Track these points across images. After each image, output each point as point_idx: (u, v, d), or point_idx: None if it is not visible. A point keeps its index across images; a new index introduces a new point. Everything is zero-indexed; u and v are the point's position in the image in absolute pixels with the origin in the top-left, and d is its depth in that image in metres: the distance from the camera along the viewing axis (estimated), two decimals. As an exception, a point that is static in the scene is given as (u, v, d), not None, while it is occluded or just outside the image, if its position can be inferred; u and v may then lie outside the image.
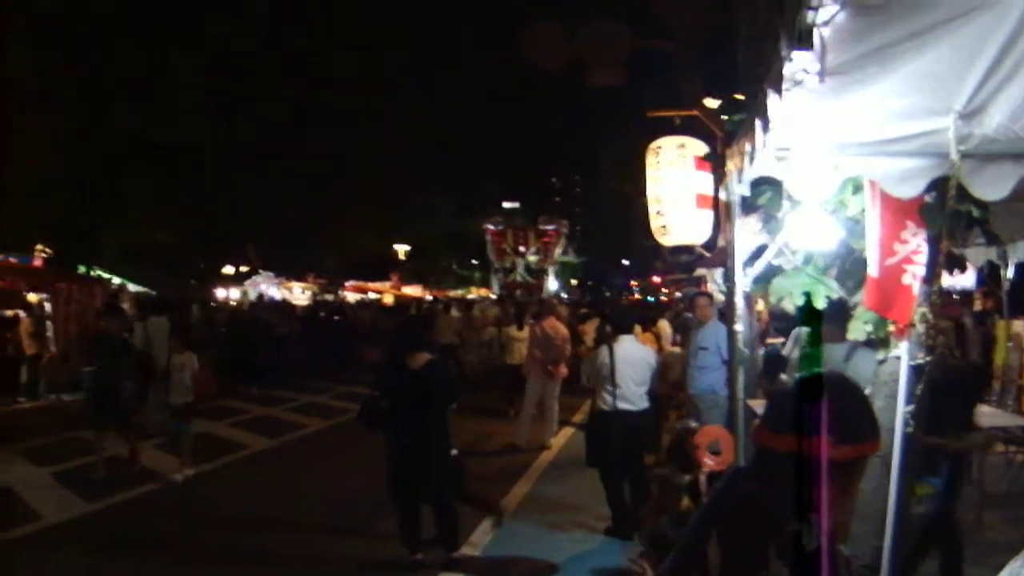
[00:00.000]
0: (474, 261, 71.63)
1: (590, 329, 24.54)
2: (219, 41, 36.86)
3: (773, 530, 2.62)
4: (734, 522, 2.79)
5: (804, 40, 3.34)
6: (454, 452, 10.28)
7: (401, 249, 62.64)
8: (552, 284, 68.80)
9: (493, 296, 58.07)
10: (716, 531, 2.84)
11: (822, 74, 3.51)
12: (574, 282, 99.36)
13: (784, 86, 3.87)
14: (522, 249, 65.04)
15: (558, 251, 67.10)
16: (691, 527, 2.99)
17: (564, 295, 60.12)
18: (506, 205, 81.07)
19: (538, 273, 66.12)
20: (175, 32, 34.66)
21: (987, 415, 12.49)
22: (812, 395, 2.65)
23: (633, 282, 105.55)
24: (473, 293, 65.78)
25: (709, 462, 7.87)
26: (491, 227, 64.10)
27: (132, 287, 36.02)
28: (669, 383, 14.80)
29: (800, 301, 7.34)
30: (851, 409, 2.70)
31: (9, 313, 25.70)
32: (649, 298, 70.65)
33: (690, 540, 2.98)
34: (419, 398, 9.89)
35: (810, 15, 3.25)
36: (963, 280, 16.84)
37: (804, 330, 10.30)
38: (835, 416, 2.60)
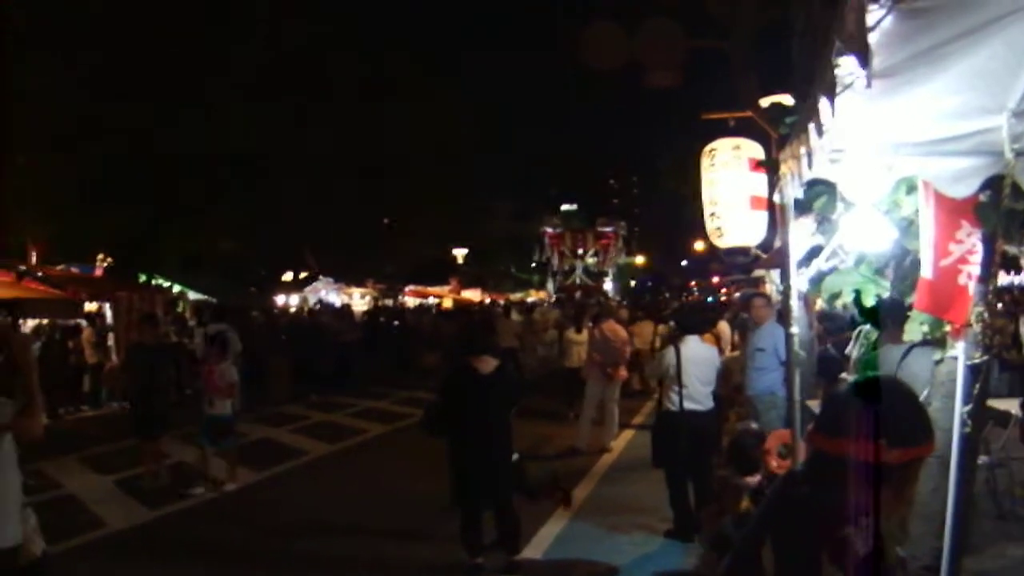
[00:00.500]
0: (533, 264, 71.45)
1: (640, 331, 24.53)
2: (276, 47, 37.04)
3: (826, 534, 2.63)
4: (787, 526, 2.80)
5: (853, 44, 3.34)
6: (516, 456, 10.31)
7: (460, 253, 62.65)
8: (609, 285, 68.66)
9: (551, 299, 57.91)
10: (770, 535, 2.85)
11: (870, 79, 3.50)
12: (632, 283, 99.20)
13: (835, 91, 3.86)
14: (580, 251, 64.87)
15: (616, 252, 66.90)
16: (746, 530, 3.00)
17: (619, 298, 59.80)
18: (564, 207, 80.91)
19: (597, 275, 65.96)
20: (230, 39, 34.88)
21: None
22: (865, 399, 2.65)
23: (692, 282, 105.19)
24: (532, 296, 65.68)
25: (777, 465, 7.85)
26: (549, 230, 63.93)
27: (192, 295, 36.26)
28: (730, 386, 14.74)
29: (850, 299, 7.32)
30: (904, 412, 2.71)
31: (71, 322, 25.93)
32: (709, 298, 70.40)
33: (745, 543, 3.00)
34: (484, 402, 9.93)
35: (858, 19, 3.25)
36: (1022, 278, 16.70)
37: (867, 328, 10.27)
38: (888, 419, 2.61)
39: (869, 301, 7.31)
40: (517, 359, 29.68)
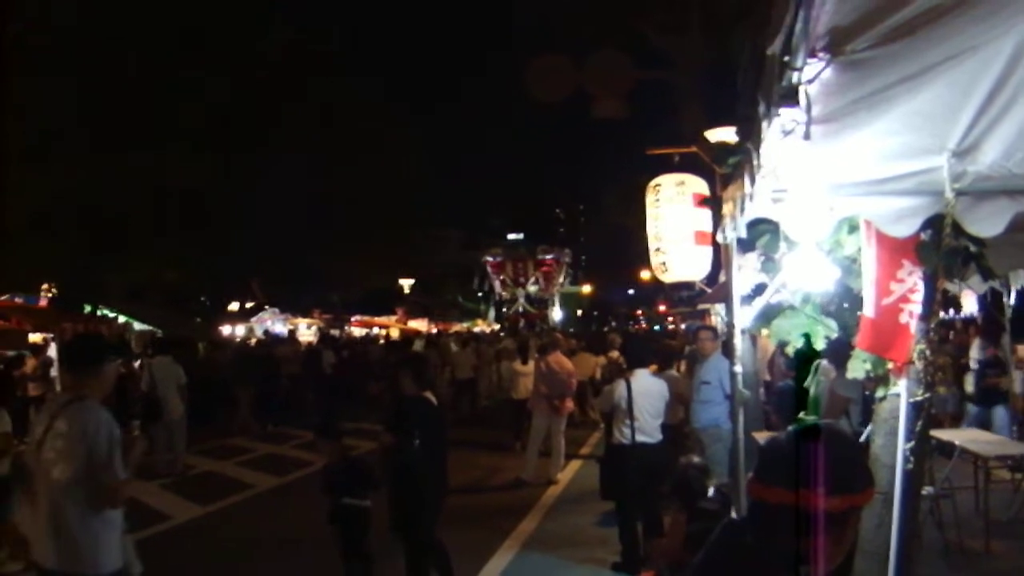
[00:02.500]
0: (480, 293, 71.59)
1: (580, 363, 24.56)
2: (220, 77, 36.99)
3: None
4: (728, 574, 2.81)
5: (790, 98, 3.37)
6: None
7: (406, 283, 62.64)
8: (557, 314, 68.75)
9: (494, 328, 57.91)
10: None
11: (808, 130, 3.54)
12: (579, 312, 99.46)
13: (770, 140, 3.90)
14: (522, 280, 64.96)
15: (560, 280, 67.01)
16: None
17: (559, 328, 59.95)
18: (511, 237, 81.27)
19: (540, 303, 66.06)
20: (175, 72, 34.81)
21: (992, 443, 12.56)
22: (804, 446, 2.67)
23: (638, 311, 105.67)
24: (479, 326, 65.72)
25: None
26: (490, 259, 64.21)
27: (138, 326, 36.02)
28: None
29: (799, 343, 7.37)
30: (844, 459, 2.72)
31: (13, 354, 25.70)
32: (656, 327, 70.64)
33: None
34: (442, 434, 9.92)
35: (795, 75, 3.28)
36: (967, 307, 16.92)
37: (824, 364, 10.34)
38: (827, 467, 2.62)
39: (819, 344, 7.36)
40: (474, 390, 29.75)
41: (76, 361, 7.06)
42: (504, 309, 66.94)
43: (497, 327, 58.59)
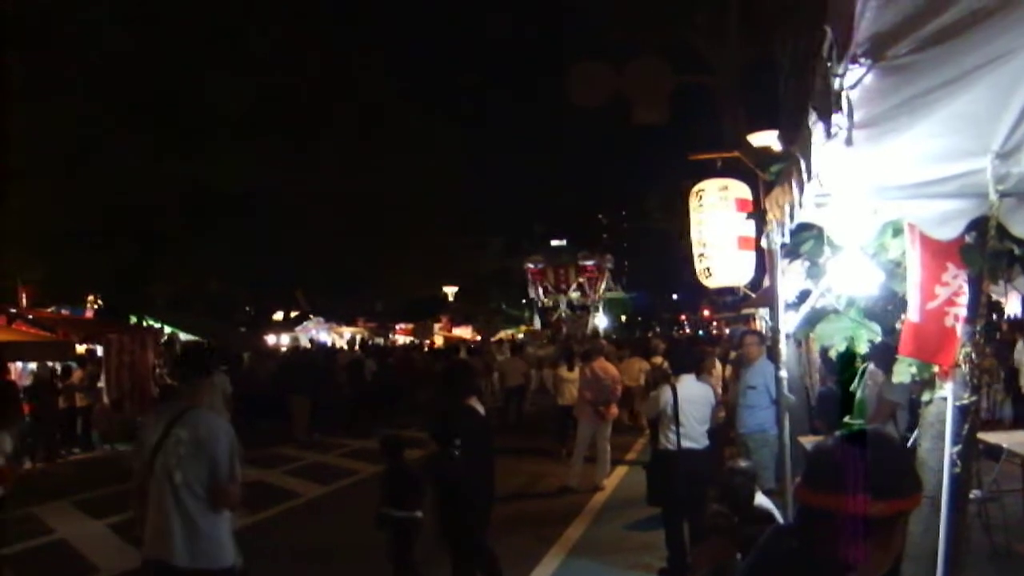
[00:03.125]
0: (523, 300, 71.25)
1: (628, 368, 24.53)
2: (264, 85, 37.09)
3: None
4: None
5: (833, 105, 3.37)
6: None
7: (450, 291, 62.57)
8: (601, 320, 68.39)
9: (541, 337, 57.58)
10: None
11: (850, 135, 3.54)
12: (623, 318, 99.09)
13: (815, 141, 3.90)
14: (564, 287, 64.56)
15: (602, 287, 66.53)
16: None
17: (611, 335, 59.51)
18: (554, 243, 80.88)
19: (582, 310, 65.66)
20: (218, 78, 34.93)
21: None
22: (851, 451, 2.67)
23: (682, 316, 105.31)
24: (522, 332, 65.54)
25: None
26: (531, 266, 63.58)
27: (183, 335, 36.22)
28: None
29: (843, 347, 7.34)
30: (890, 464, 2.72)
31: (61, 365, 25.91)
32: (700, 332, 70.39)
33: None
34: (487, 442, 9.90)
35: (837, 81, 3.28)
36: (1011, 308, 16.83)
37: (871, 367, 10.27)
38: (874, 471, 2.62)
39: (862, 348, 7.34)
40: (523, 397, 29.67)
41: (190, 371, 7.66)
42: (547, 316, 66.51)
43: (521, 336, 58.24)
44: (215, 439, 7.03)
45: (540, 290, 63.81)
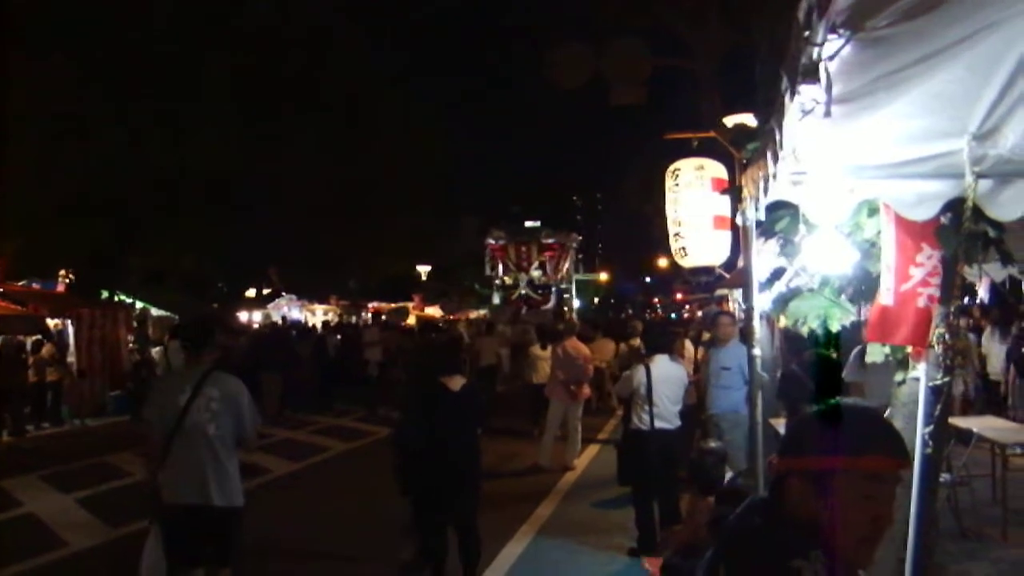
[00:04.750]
0: (492, 279, 71.13)
1: (600, 349, 24.61)
2: (241, 63, 36.92)
3: (777, 567, 2.61)
4: (741, 558, 2.79)
5: (810, 75, 3.35)
6: None
7: (423, 270, 62.50)
8: (575, 302, 68.37)
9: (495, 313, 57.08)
10: (723, 567, 2.83)
11: (828, 108, 3.51)
12: (595, 300, 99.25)
13: (791, 119, 3.88)
14: (525, 264, 64.10)
15: (566, 266, 66.13)
16: (704, 562, 2.99)
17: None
18: (528, 224, 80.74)
19: (543, 289, 65.27)
20: (194, 57, 34.77)
21: (1010, 430, 12.53)
22: (829, 421, 2.66)
23: (655, 299, 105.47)
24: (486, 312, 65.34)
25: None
26: (492, 242, 63.02)
27: (155, 311, 36.11)
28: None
29: (815, 324, 7.35)
30: (859, 425, 2.70)
31: (31, 339, 25.81)
32: (672, 315, 70.49)
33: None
34: (456, 419, 9.89)
35: (815, 51, 3.25)
36: (981, 293, 16.88)
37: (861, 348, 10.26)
38: (846, 433, 2.62)
39: (835, 326, 7.35)
40: (495, 377, 29.64)
41: (195, 342, 8.58)
42: (504, 295, 66.08)
43: (487, 315, 57.86)
44: (240, 395, 8.30)
45: (500, 267, 63.22)
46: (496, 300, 65.25)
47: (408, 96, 49.26)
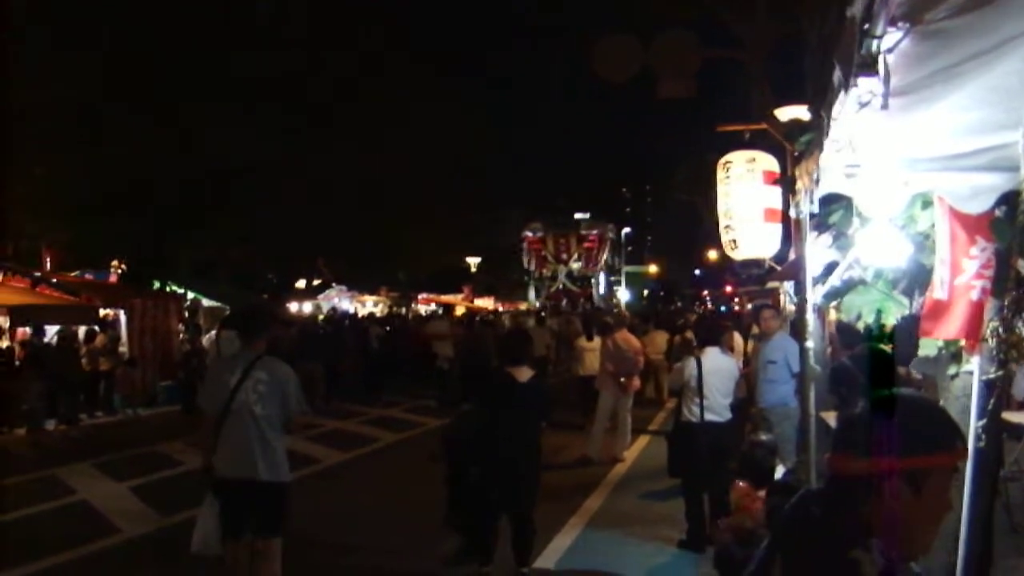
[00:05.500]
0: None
1: (653, 341, 24.59)
2: (288, 60, 37.12)
3: (836, 557, 2.61)
4: (798, 548, 2.79)
5: (868, 67, 3.34)
6: None
7: (473, 262, 62.49)
8: (624, 294, 68.00)
9: (535, 306, 56.44)
10: (780, 557, 2.84)
11: (886, 100, 3.50)
12: (645, 292, 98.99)
13: (848, 110, 3.87)
14: (564, 256, 63.44)
15: (604, 257, 65.49)
16: (760, 551, 2.99)
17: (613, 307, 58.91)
18: (577, 216, 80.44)
19: (582, 281, 64.65)
20: (243, 55, 34.97)
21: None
22: (882, 414, 2.65)
23: (704, 292, 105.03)
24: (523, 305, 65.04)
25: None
26: (529, 234, 62.29)
27: (206, 302, 36.31)
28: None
29: (871, 318, 7.32)
30: (921, 422, 2.69)
31: (84, 329, 26.00)
32: (722, 308, 70.16)
33: (757, 565, 2.98)
34: (523, 412, 9.91)
35: (875, 43, 3.24)
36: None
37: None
38: (907, 430, 2.60)
39: (889, 320, 7.31)
40: (546, 368, 29.59)
41: (249, 329, 9.20)
42: (546, 287, 65.51)
43: (537, 306, 57.44)
44: (287, 379, 8.86)
45: (535, 260, 62.48)
46: (532, 293, 64.76)
47: (455, 88, 49.26)
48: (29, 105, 27.97)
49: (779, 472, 8.24)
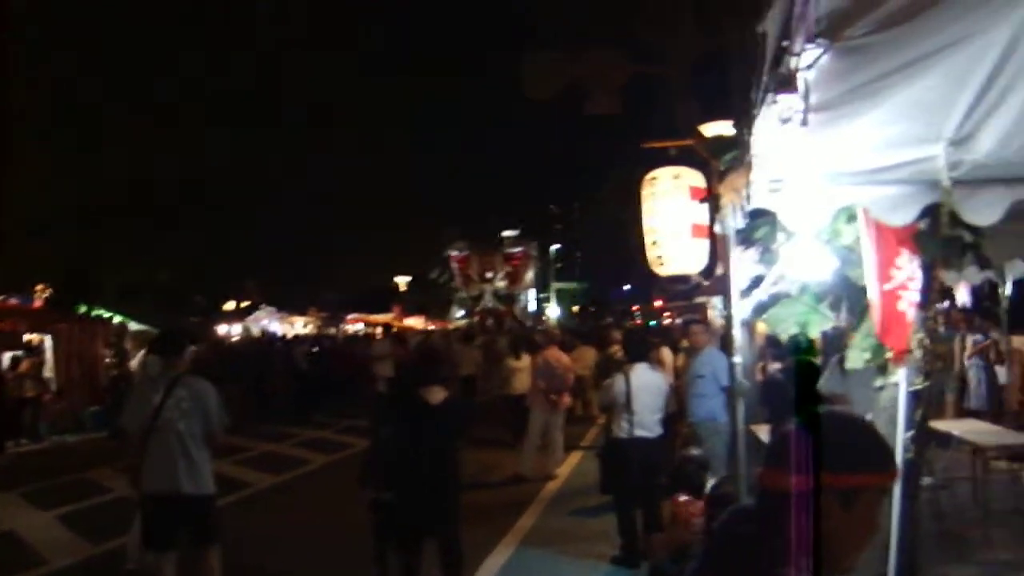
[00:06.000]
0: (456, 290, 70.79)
1: (581, 357, 24.67)
2: (218, 77, 36.93)
3: (770, 574, 2.62)
4: (730, 565, 2.80)
5: (787, 84, 3.37)
6: None
7: (402, 281, 62.36)
8: (554, 311, 68.03)
9: (452, 326, 56.17)
10: (713, 573, 2.85)
11: (806, 116, 3.54)
12: (574, 308, 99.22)
13: (770, 126, 3.90)
14: (489, 275, 63.23)
15: (529, 275, 65.35)
16: (691, 568, 3.00)
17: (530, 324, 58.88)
18: (506, 233, 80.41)
19: (508, 299, 64.48)
20: (170, 70, 34.76)
21: (991, 433, 12.58)
22: (812, 431, 2.67)
23: (634, 306, 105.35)
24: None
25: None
26: (454, 253, 61.98)
27: (133, 326, 35.99)
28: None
29: (794, 331, 7.36)
30: (851, 439, 2.71)
31: (9, 355, 25.70)
32: (651, 323, 70.37)
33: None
34: (437, 434, 9.84)
35: (793, 60, 3.27)
36: (960, 298, 16.90)
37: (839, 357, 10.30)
38: (836, 447, 2.62)
39: (815, 333, 7.37)
40: (475, 387, 29.54)
41: (167, 350, 9.71)
42: (469, 305, 65.23)
43: (463, 325, 57.20)
44: (207, 396, 9.38)
45: (460, 279, 62.27)
46: (458, 312, 64.58)
47: (385, 108, 49.24)
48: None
49: (709, 486, 8.26)
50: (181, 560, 9.29)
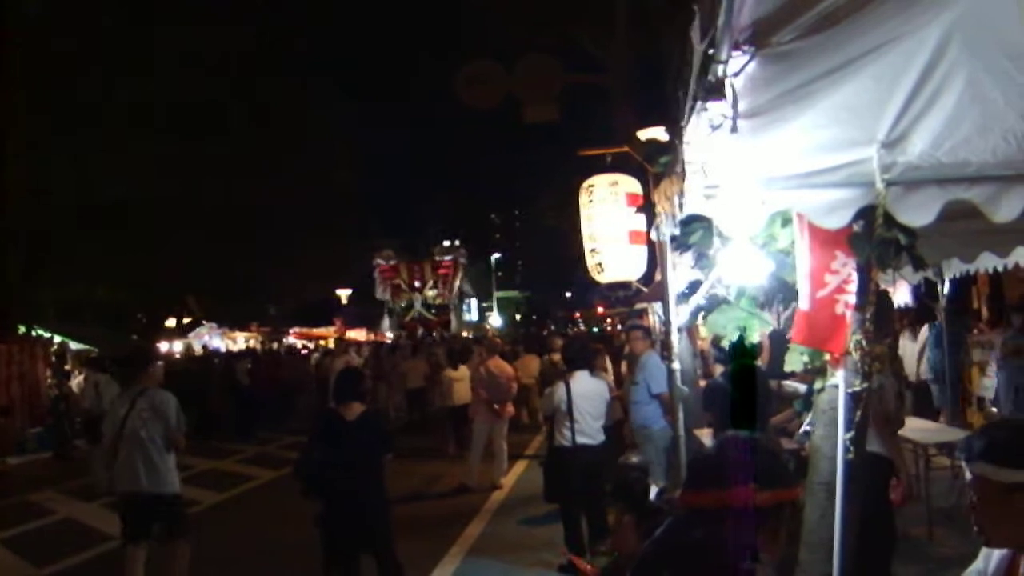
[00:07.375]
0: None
1: (525, 365, 24.71)
2: (152, 91, 36.59)
3: (731, 570, 2.67)
4: (692, 566, 2.82)
5: (715, 92, 3.37)
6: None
7: (343, 293, 62.11)
8: (496, 320, 68.04)
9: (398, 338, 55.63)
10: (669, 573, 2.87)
11: (735, 123, 3.55)
12: (517, 316, 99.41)
13: (701, 133, 3.91)
14: (419, 284, 62.64)
15: (458, 283, 64.94)
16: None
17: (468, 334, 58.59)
18: (446, 243, 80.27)
19: (439, 309, 63.91)
20: (105, 84, 34.45)
21: (932, 430, 12.67)
22: (731, 451, 2.73)
23: (576, 313, 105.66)
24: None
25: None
26: (381, 263, 60.89)
27: (74, 345, 35.68)
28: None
29: (734, 336, 7.39)
30: (767, 462, 2.79)
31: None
32: (594, 329, 70.57)
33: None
34: (356, 450, 9.76)
35: (720, 68, 3.28)
36: (900, 297, 17.01)
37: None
38: (755, 468, 2.68)
39: (754, 337, 7.40)
40: (424, 399, 29.39)
41: (131, 367, 11.45)
42: (398, 316, 64.73)
43: (392, 336, 56.68)
44: (167, 405, 10.64)
45: (389, 289, 61.59)
46: (386, 323, 64.00)
47: (318, 116, 48.88)
48: None
49: (652, 492, 8.27)
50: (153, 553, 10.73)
